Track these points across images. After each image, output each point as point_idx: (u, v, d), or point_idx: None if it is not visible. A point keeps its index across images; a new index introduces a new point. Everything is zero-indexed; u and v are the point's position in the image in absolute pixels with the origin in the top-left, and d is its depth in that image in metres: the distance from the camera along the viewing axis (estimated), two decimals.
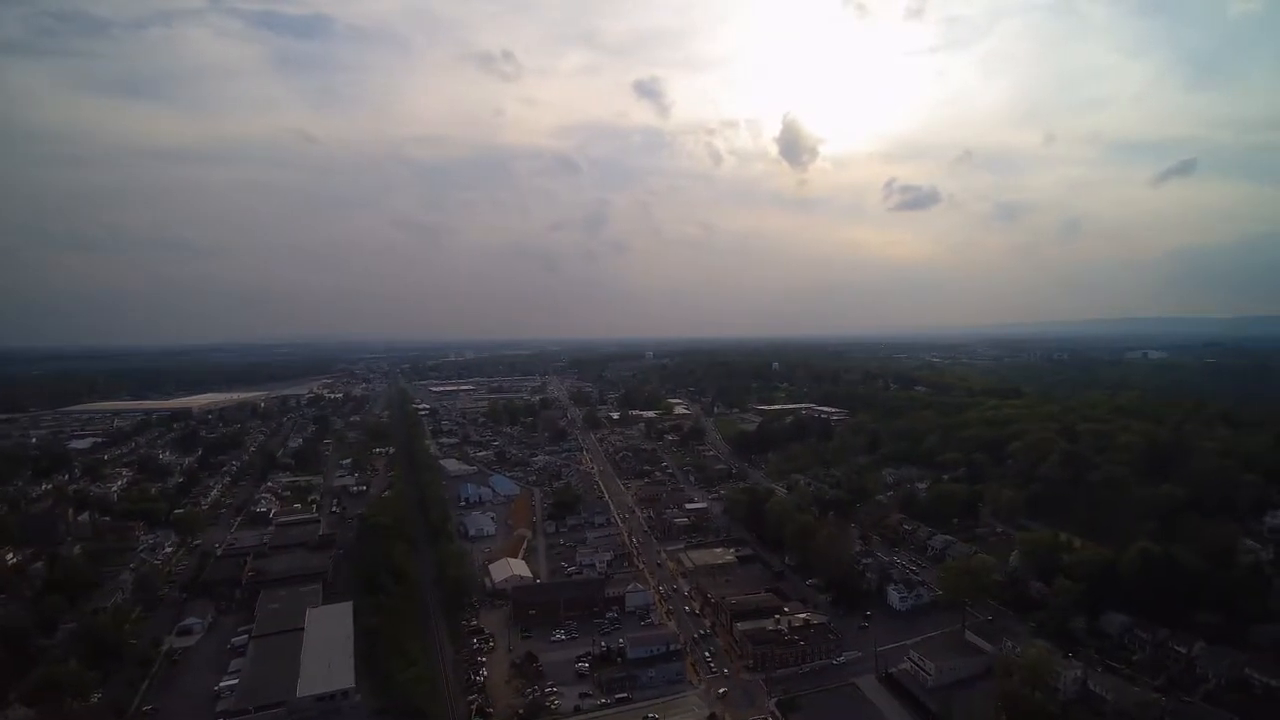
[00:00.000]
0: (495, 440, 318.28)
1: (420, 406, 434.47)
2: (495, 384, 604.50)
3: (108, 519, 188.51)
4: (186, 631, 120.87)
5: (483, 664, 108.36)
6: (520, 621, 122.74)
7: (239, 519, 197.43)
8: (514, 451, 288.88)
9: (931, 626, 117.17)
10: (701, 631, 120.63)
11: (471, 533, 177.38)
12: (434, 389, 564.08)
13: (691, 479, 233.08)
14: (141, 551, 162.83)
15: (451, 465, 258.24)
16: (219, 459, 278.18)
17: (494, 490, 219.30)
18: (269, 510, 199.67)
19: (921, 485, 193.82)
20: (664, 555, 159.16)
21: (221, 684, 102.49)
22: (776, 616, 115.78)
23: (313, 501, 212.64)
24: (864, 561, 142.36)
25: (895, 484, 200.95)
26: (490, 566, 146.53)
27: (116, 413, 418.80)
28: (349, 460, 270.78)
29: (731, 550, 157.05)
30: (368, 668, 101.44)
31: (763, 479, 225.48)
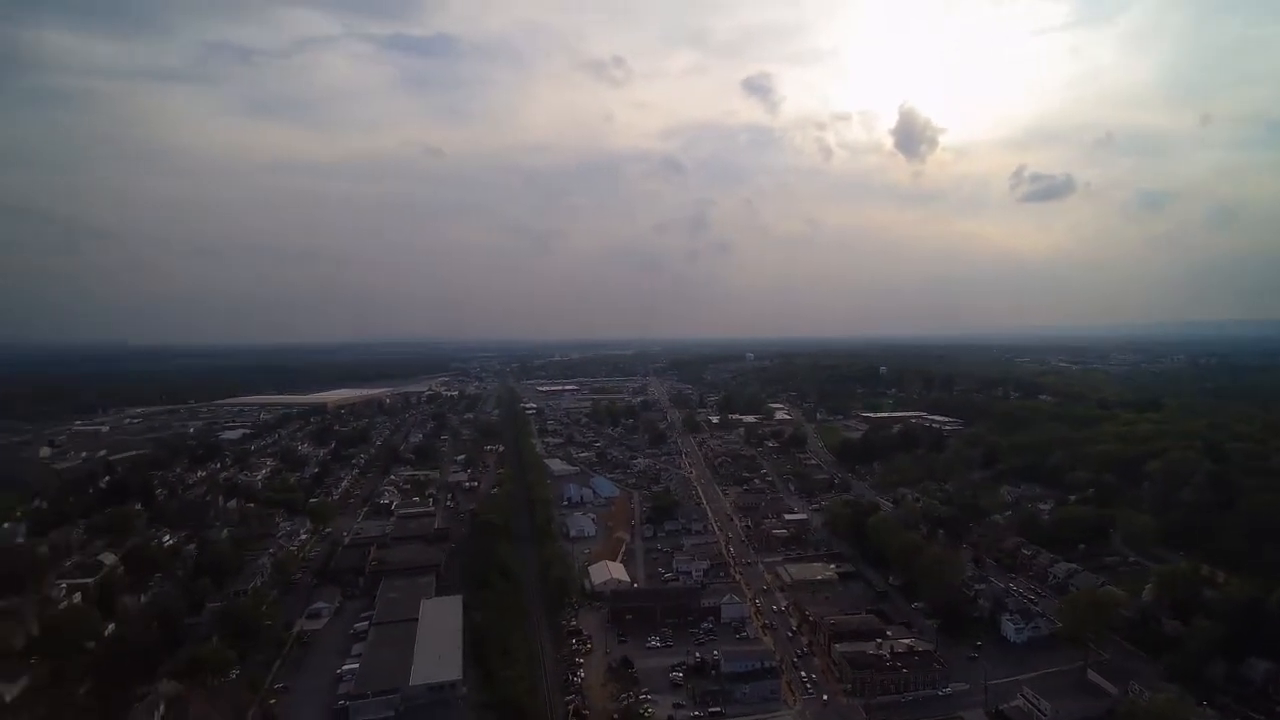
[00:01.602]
0: (597, 441, 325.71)
1: (528, 406, 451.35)
2: (598, 384, 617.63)
3: (252, 506, 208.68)
4: (315, 615, 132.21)
5: (580, 665, 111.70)
6: (617, 625, 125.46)
7: (365, 510, 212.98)
8: (614, 453, 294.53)
9: (1049, 663, 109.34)
10: (799, 650, 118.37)
11: (572, 533, 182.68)
12: (540, 389, 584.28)
13: (791, 488, 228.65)
14: (280, 538, 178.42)
15: (556, 465, 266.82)
16: (349, 452, 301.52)
17: (595, 492, 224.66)
18: (391, 502, 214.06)
19: (1044, 506, 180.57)
20: (761, 567, 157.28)
21: (344, 667, 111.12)
22: (878, 640, 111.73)
23: (429, 495, 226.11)
24: (976, 587, 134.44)
25: (1014, 503, 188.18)
26: (590, 568, 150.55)
27: (262, 406, 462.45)
28: (463, 457, 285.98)
29: (832, 566, 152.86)
30: (473, 661, 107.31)
31: (867, 491, 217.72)
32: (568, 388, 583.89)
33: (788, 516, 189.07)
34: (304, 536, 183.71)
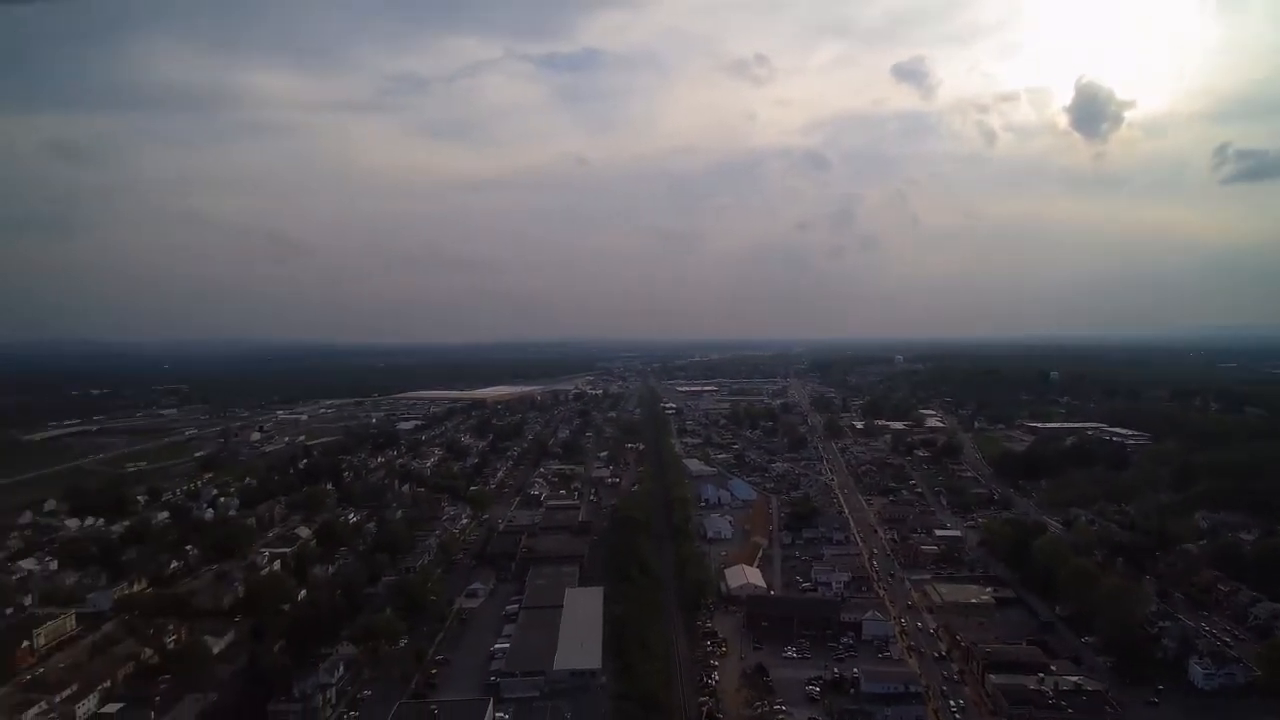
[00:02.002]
0: (735, 443, 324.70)
1: (667, 406, 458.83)
2: (737, 385, 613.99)
3: (422, 490, 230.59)
4: (473, 595, 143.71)
5: (715, 668, 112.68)
6: (752, 631, 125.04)
7: (517, 499, 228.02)
8: (753, 456, 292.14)
9: (1244, 714, 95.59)
10: (947, 677, 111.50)
11: (709, 535, 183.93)
12: (680, 389, 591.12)
13: (944, 502, 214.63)
14: (444, 521, 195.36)
15: (694, 465, 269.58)
16: (504, 445, 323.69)
17: (732, 494, 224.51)
18: (540, 494, 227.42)
19: (1247, 536, 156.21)
20: (908, 584, 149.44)
21: (496, 645, 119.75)
22: (1040, 675, 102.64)
23: (575, 489, 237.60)
24: (1160, 624, 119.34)
25: (1210, 532, 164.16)
26: (725, 571, 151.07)
27: (432, 400, 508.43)
28: (606, 453, 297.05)
29: (989, 589, 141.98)
30: (612, 652, 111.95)
31: (1032, 510, 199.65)
32: (707, 388, 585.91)
33: (939, 532, 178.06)
34: (464, 521, 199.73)
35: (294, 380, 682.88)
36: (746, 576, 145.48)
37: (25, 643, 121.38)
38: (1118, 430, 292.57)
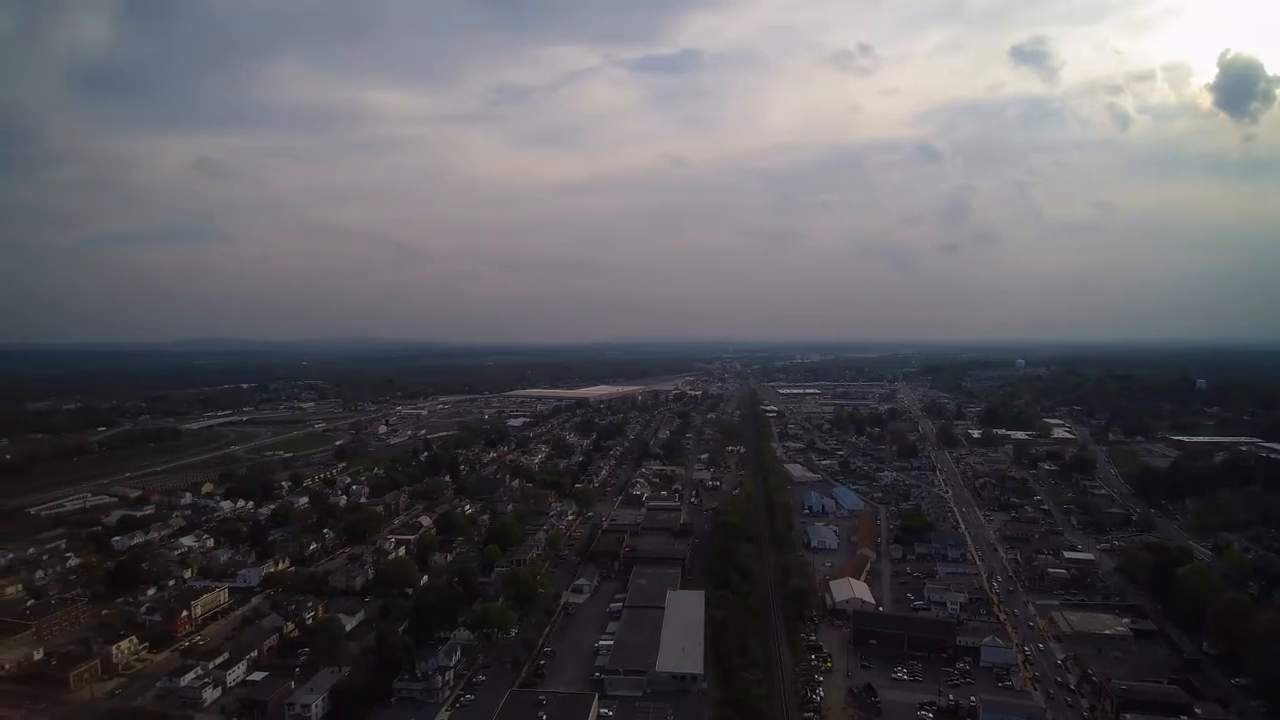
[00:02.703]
0: (840, 449, 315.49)
1: (768, 408, 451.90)
2: (841, 389, 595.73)
3: (531, 486, 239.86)
4: (578, 590, 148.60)
5: (819, 683, 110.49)
6: (859, 649, 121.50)
7: (620, 499, 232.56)
8: (859, 463, 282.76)
9: None
10: (1076, 713, 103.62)
11: (813, 544, 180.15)
12: (781, 391, 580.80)
13: (1073, 521, 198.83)
14: (551, 516, 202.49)
15: (796, 471, 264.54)
16: (607, 443, 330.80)
17: (837, 502, 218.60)
18: (642, 494, 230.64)
19: None
20: (1032, 609, 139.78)
21: (599, 642, 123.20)
22: (1183, 717, 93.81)
23: (675, 490, 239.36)
24: None
25: None
26: (831, 583, 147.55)
27: (539, 398, 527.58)
28: (706, 455, 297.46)
29: (1125, 620, 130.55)
30: (713, 657, 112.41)
31: (1176, 533, 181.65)
32: (809, 391, 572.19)
33: (1068, 554, 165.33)
34: (570, 518, 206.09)
35: (413, 377, 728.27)
36: (853, 590, 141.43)
37: (184, 612, 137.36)
38: (1276, 446, 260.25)
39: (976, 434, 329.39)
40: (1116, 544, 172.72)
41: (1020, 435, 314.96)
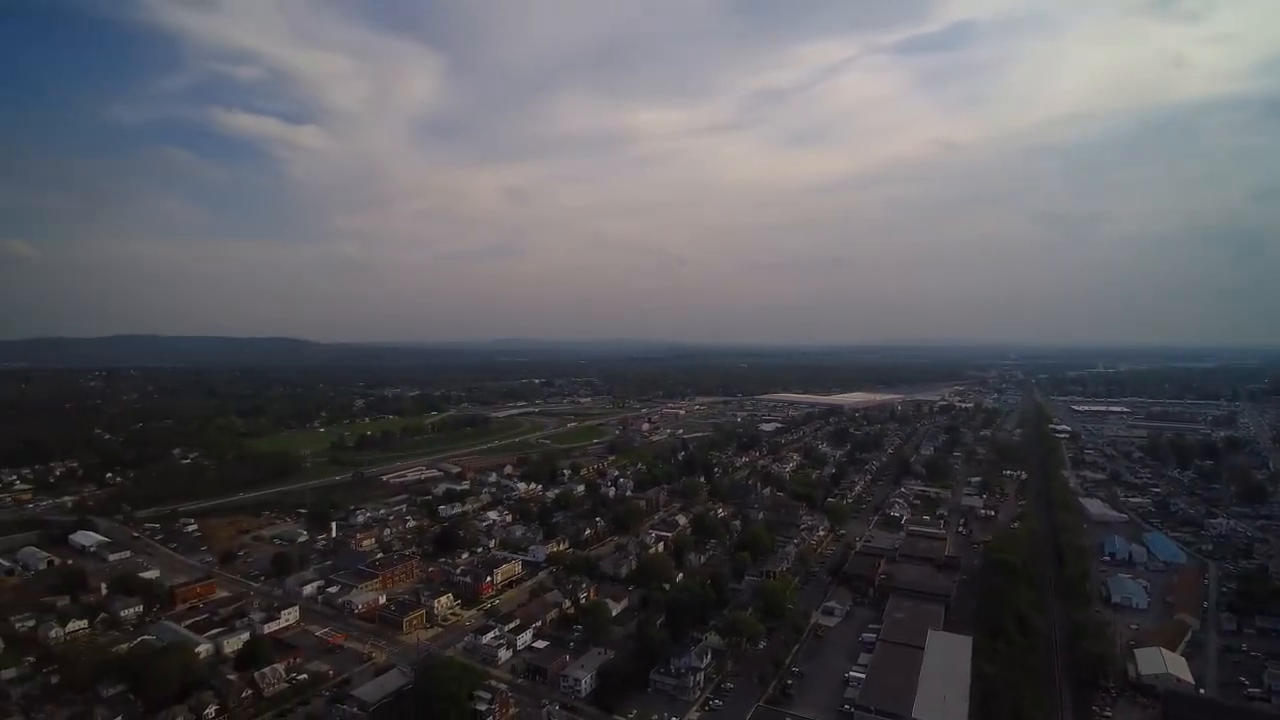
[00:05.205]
0: (1155, 485, 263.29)
1: (1058, 428, 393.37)
2: (1158, 407, 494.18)
3: (781, 495, 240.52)
4: (829, 612, 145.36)
5: None
6: None
7: (875, 518, 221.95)
8: (1181, 505, 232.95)
9: None
10: None
11: (1114, 599, 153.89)
12: (1076, 407, 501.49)
13: None
14: (802, 530, 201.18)
15: (1095, 507, 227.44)
16: (862, 456, 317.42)
17: (1149, 551, 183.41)
18: (901, 516, 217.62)
19: None
20: None
21: (850, 673, 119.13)
22: None
23: (940, 516, 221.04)
24: None
25: None
26: (1136, 651, 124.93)
27: (790, 403, 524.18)
28: (977, 479, 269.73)
29: None
30: (979, 717, 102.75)
31: None
32: (1114, 409, 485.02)
33: None
34: (821, 533, 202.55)
35: (672, 377, 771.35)
36: (1165, 663, 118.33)
37: (488, 578, 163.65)
38: None
39: None
40: None
41: None
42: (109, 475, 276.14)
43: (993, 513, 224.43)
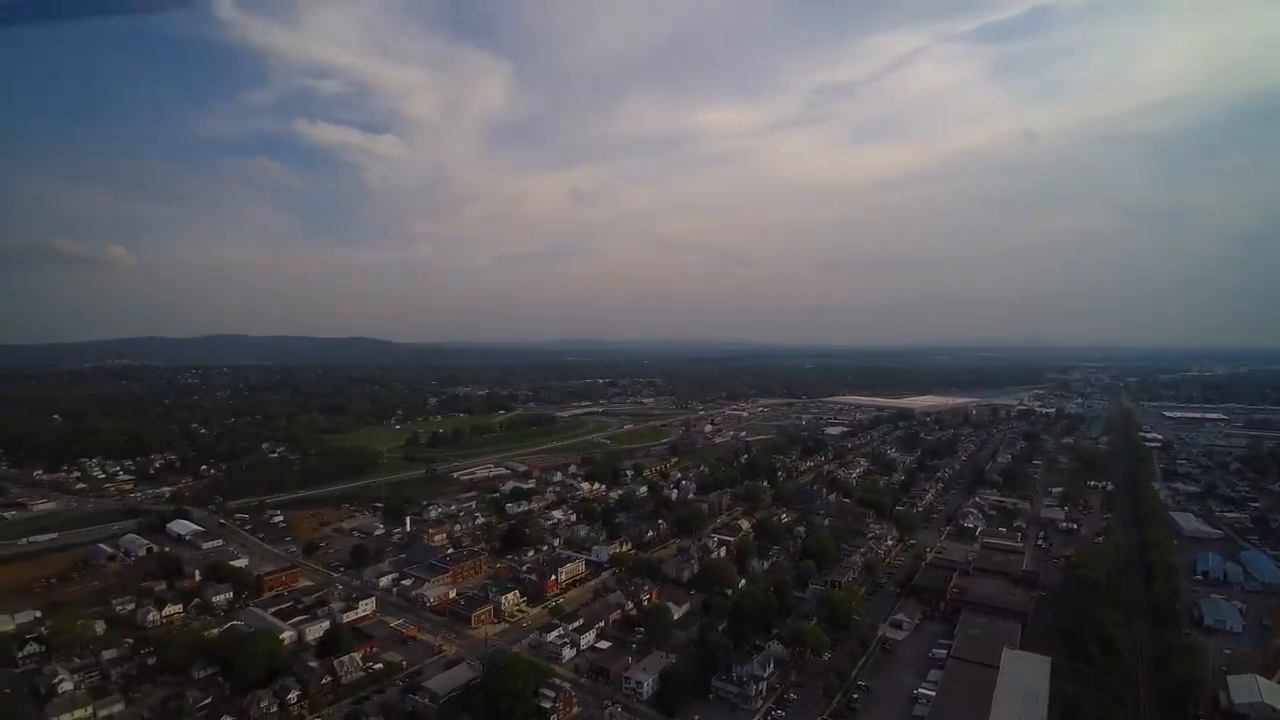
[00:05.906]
0: (1255, 499, 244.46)
1: (1149, 436, 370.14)
2: (1260, 415, 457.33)
3: (848, 501, 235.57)
4: (897, 626, 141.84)
5: None
6: None
7: (947, 529, 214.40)
8: None
9: None
10: None
11: (1207, 622, 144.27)
12: (1169, 414, 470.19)
13: None
14: (869, 539, 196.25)
15: (1187, 523, 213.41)
16: (933, 463, 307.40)
17: (1247, 571, 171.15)
18: (975, 527, 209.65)
19: None
20: None
21: (919, 690, 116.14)
22: None
23: (1017, 528, 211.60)
24: None
25: None
26: (1229, 678, 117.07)
27: (857, 406, 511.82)
28: (1059, 490, 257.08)
29: None
30: None
31: None
32: (1210, 415, 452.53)
33: None
34: (889, 543, 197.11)
35: (735, 378, 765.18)
36: (1260, 692, 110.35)
37: (553, 576, 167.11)
38: None
39: None
40: None
41: None
42: (203, 468, 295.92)
43: (1075, 526, 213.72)
